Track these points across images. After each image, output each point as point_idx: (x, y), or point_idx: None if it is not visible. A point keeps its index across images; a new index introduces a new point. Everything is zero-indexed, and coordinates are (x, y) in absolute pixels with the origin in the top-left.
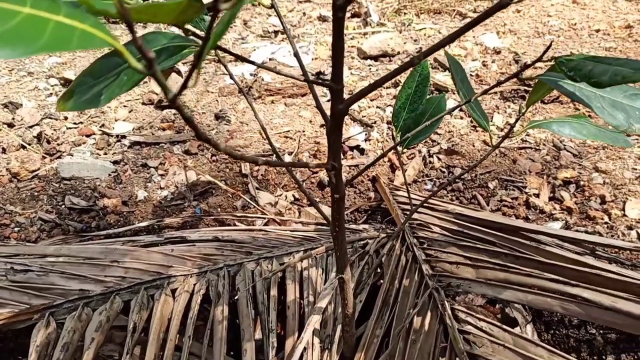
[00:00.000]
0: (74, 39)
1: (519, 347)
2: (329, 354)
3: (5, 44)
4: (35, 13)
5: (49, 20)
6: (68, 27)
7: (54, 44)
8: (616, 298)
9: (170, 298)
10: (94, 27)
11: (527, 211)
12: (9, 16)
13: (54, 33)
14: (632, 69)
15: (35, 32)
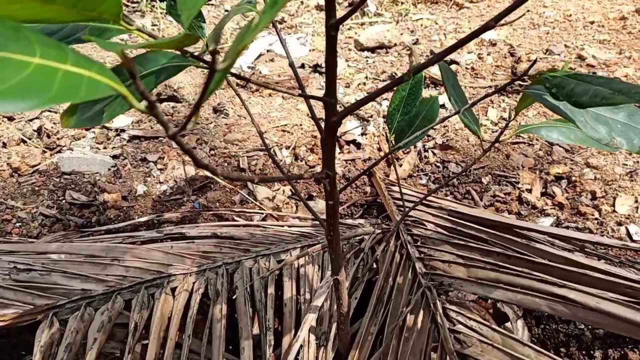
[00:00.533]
0: (82, 88)
1: (508, 347)
2: (324, 351)
3: (18, 96)
4: (45, 63)
5: (57, 69)
6: (76, 75)
7: (64, 95)
8: (600, 299)
9: (170, 297)
10: (100, 73)
11: (519, 207)
12: (20, 67)
13: (63, 83)
14: (611, 90)
15: (45, 82)
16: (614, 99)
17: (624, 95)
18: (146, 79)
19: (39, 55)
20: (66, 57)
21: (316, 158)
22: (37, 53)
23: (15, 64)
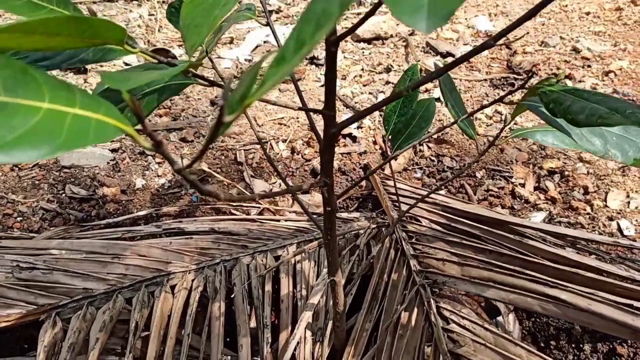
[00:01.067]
0: (91, 131)
1: (499, 346)
2: (320, 347)
3: (28, 145)
4: (54, 107)
5: (66, 114)
6: (84, 119)
7: (73, 141)
8: (591, 301)
9: (170, 295)
10: (107, 115)
11: (512, 201)
12: (29, 113)
13: (72, 127)
14: (608, 109)
15: (54, 129)
16: (611, 119)
17: (621, 115)
18: (149, 97)
19: (48, 100)
20: (74, 100)
21: (312, 151)
22: (46, 97)
23: (24, 110)
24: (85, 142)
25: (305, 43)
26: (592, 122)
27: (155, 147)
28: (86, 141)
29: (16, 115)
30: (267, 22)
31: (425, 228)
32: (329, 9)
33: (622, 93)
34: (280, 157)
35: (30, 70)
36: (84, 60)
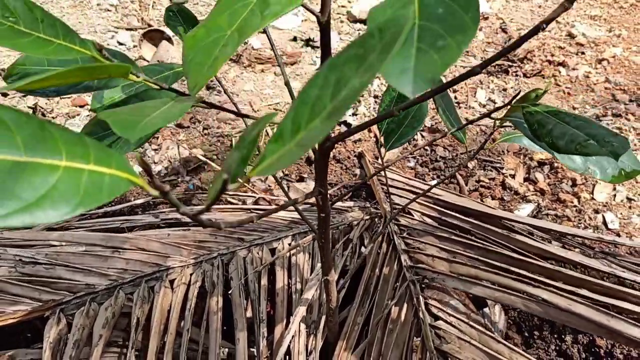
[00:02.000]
0: (105, 188)
1: (483, 343)
2: (314, 339)
3: (48, 206)
4: (71, 165)
5: (82, 171)
6: (99, 174)
7: (89, 199)
8: (571, 301)
9: (169, 290)
10: (119, 168)
11: (502, 192)
12: (49, 173)
13: (88, 185)
14: (587, 136)
15: (72, 188)
16: (588, 147)
17: (598, 144)
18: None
19: (65, 156)
20: (89, 154)
21: None
22: (63, 153)
23: (44, 170)
24: (100, 200)
25: (300, 128)
26: (570, 149)
27: (162, 195)
28: (101, 199)
29: (37, 175)
30: (285, 82)
31: (417, 222)
32: (322, 98)
33: (614, 82)
34: None
35: (47, 127)
36: (88, 87)
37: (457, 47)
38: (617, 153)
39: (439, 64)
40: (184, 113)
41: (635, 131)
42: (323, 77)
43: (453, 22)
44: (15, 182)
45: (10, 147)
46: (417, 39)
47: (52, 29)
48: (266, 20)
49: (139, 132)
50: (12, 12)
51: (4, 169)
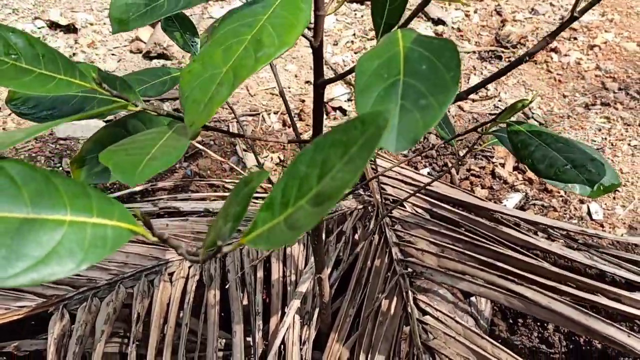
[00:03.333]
0: (108, 240)
1: (468, 338)
2: (307, 330)
3: (56, 261)
4: (75, 219)
5: (86, 224)
6: (101, 227)
7: (94, 254)
8: (551, 299)
9: (168, 283)
10: (121, 219)
11: (492, 181)
12: (55, 228)
13: (92, 239)
14: (566, 161)
15: (77, 242)
16: (566, 173)
17: (576, 170)
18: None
19: (69, 210)
20: (91, 206)
21: (303, 125)
22: (67, 207)
23: (50, 226)
24: (103, 255)
25: (289, 203)
26: (549, 174)
27: (163, 242)
28: (104, 253)
29: (43, 231)
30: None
31: (408, 213)
32: (309, 176)
33: (605, 70)
34: (272, 130)
35: (52, 178)
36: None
37: (438, 107)
38: (592, 181)
39: (420, 125)
40: (182, 154)
41: (623, 120)
42: (310, 156)
43: (436, 80)
44: (23, 240)
45: (17, 203)
46: (401, 96)
47: (53, 64)
48: (259, 63)
49: (138, 178)
50: (13, 48)
51: (12, 227)
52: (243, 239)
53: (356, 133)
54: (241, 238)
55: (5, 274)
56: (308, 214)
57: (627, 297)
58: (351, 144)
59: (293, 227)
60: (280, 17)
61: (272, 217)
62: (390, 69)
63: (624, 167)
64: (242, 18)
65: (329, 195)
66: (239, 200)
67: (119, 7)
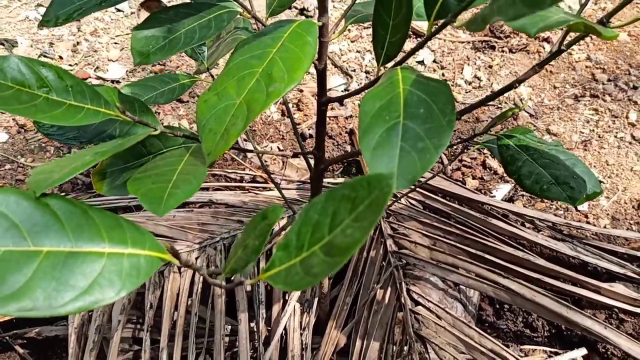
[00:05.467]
0: (142, 270)
1: (457, 328)
2: (307, 316)
3: (98, 291)
4: (112, 250)
5: (122, 255)
6: (136, 257)
7: (130, 282)
8: (535, 293)
9: (178, 274)
10: (152, 248)
11: (483, 172)
12: (96, 260)
13: (128, 269)
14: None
15: (115, 272)
16: (549, 190)
17: (559, 187)
18: None
19: (107, 242)
20: (126, 237)
21: (302, 115)
22: (105, 239)
23: (91, 258)
24: (138, 283)
25: (304, 247)
26: (535, 190)
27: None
28: (139, 282)
29: (86, 263)
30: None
31: (402, 205)
32: (321, 224)
33: (595, 61)
34: (271, 120)
35: (89, 212)
36: (111, 135)
37: (434, 150)
38: (574, 198)
39: (418, 167)
40: (201, 182)
41: (611, 112)
42: (322, 205)
43: (432, 124)
44: (69, 272)
45: (62, 238)
46: (402, 138)
47: (81, 95)
48: (271, 99)
49: (163, 210)
50: (45, 82)
51: (59, 260)
52: (262, 275)
53: (363, 193)
54: (261, 274)
55: (56, 304)
56: (322, 261)
57: (606, 289)
58: (358, 202)
59: (309, 273)
60: (288, 51)
61: (289, 258)
62: (391, 111)
63: (609, 159)
64: (252, 50)
65: (341, 249)
66: (257, 234)
67: (139, 40)
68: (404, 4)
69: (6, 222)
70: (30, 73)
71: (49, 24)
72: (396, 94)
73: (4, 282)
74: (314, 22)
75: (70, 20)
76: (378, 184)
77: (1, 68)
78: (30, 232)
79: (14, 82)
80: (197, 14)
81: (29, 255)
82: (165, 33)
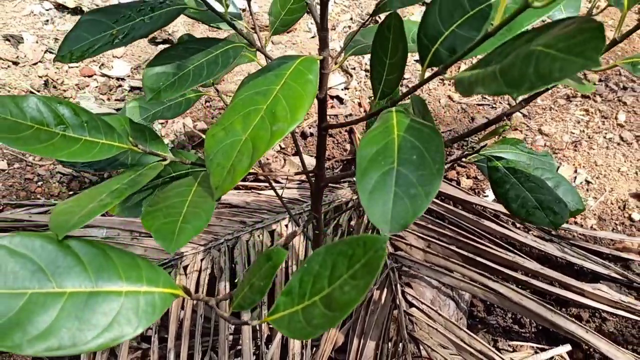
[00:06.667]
0: (157, 306)
1: (448, 330)
2: None
3: (117, 328)
4: (130, 289)
5: (139, 293)
6: (150, 294)
7: (146, 320)
8: (522, 297)
9: (184, 276)
10: (165, 285)
11: (477, 171)
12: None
13: (144, 306)
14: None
15: (133, 310)
16: (534, 215)
17: (542, 212)
18: None
19: (125, 281)
20: (142, 275)
21: None
22: (123, 278)
23: (111, 297)
24: (153, 319)
25: (305, 295)
26: (521, 214)
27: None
28: (154, 318)
29: (106, 302)
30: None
31: None
32: (321, 276)
33: None
34: None
35: (108, 252)
36: (123, 164)
37: (425, 198)
38: (556, 223)
39: (410, 213)
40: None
41: (601, 113)
42: (322, 257)
43: (424, 171)
44: (91, 311)
45: (84, 279)
46: (395, 184)
47: (96, 130)
48: (275, 138)
49: (175, 246)
50: (62, 119)
51: (82, 300)
52: (268, 317)
53: (359, 251)
54: (266, 316)
55: (80, 342)
56: (322, 314)
57: (589, 292)
58: (355, 260)
59: (310, 324)
60: (291, 89)
61: (292, 305)
62: (386, 156)
63: (598, 159)
64: (257, 86)
65: (340, 305)
66: (262, 276)
67: (150, 77)
68: (399, 48)
69: (33, 266)
70: (48, 111)
71: (64, 59)
72: (391, 140)
73: (32, 323)
74: (315, 59)
75: (84, 57)
76: (373, 246)
77: (21, 108)
78: (55, 274)
79: (33, 121)
80: (205, 50)
81: (54, 296)
82: (175, 69)
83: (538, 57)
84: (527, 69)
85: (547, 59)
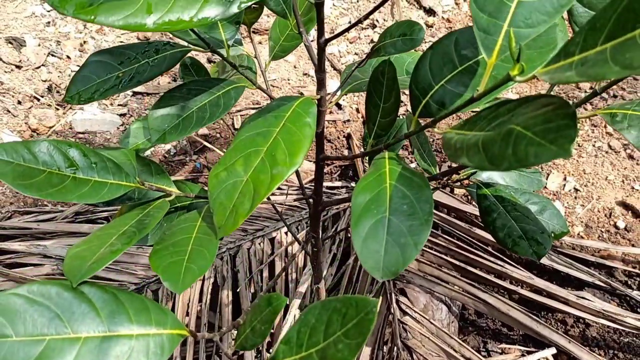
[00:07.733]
0: (165, 347)
1: (440, 337)
2: None
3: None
4: (140, 332)
5: (148, 336)
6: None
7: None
8: (510, 307)
9: None
10: (173, 326)
11: None
12: (126, 342)
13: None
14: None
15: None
16: (519, 245)
17: (527, 242)
18: None
19: (135, 324)
20: (150, 318)
21: None
22: (133, 321)
23: (122, 341)
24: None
25: (303, 346)
26: (507, 244)
27: (202, 338)
28: (163, 358)
29: (118, 346)
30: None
31: None
32: (317, 330)
33: None
34: None
35: (119, 296)
36: (130, 197)
37: (414, 247)
38: (539, 254)
39: (400, 261)
40: (214, 257)
41: (591, 121)
42: (319, 311)
43: (413, 221)
44: (104, 355)
45: (98, 324)
46: (387, 232)
47: (104, 170)
48: (275, 182)
49: (181, 287)
50: (72, 162)
51: (95, 345)
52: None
53: (352, 311)
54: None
55: None
56: None
57: (574, 302)
58: (348, 319)
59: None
60: (290, 133)
61: (290, 354)
62: (379, 205)
63: (586, 167)
64: (258, 127)
65: None
66: (263, 320)
67: (155, 120)
68: (392, 95)
69: (50, 313)
70: (58, 155)
71: (73, 101)
72: (383, 189)
73: None
74: (312, 100)
75: (92, 100)
76: (364, 308)
77: (33, 153)
78: (70, 320)
79: (44, 165)
80: (207, 90)
81: (70, 342)
82: (179, 111)
83: (517, 137)
84: (507, 149)
85: (524, 142)
